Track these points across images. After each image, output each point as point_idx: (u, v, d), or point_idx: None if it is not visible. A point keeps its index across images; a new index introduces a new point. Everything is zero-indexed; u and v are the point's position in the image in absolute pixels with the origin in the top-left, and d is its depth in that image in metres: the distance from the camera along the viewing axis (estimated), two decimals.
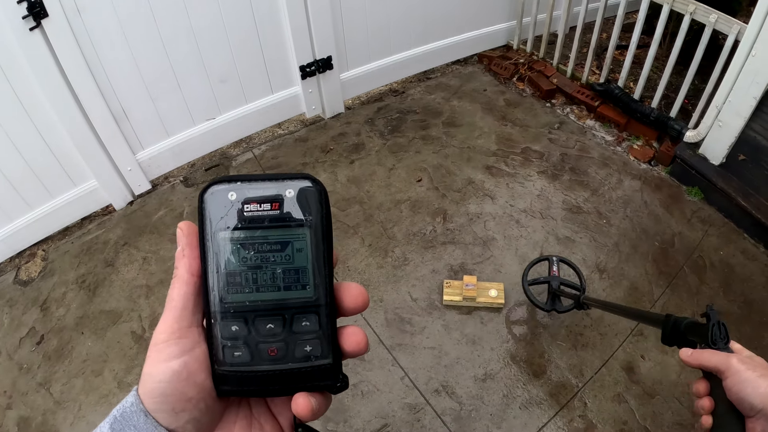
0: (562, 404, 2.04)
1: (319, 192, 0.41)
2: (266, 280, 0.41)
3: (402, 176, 2.98)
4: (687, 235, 2.66)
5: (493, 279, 2.45)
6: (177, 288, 0.41)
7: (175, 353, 0.40)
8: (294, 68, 3.06)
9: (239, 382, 0.41)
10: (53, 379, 2.13)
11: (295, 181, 0.41)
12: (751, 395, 0.67)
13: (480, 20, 3.74)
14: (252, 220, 0.41)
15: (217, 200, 0.41)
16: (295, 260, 0.41)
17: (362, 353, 0.43)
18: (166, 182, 2.96)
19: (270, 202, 0.41)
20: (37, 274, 2.52)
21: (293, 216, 0.41)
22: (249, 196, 0.40)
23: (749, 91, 2.41)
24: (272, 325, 0.41)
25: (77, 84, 2.32)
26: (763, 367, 0.71)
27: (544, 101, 3.55)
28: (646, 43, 3.09)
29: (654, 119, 3.04)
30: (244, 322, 0.41)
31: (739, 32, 2.43)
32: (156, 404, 0.39)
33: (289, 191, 0.41)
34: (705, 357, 0.76)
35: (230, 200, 0.40)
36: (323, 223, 0.41)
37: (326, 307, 0.42)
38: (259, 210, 0.40)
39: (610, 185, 2.92)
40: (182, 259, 0.42)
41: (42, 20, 2.07)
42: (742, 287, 2.43)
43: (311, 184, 0.41)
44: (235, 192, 0.40)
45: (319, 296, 0.42)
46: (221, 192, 0.41)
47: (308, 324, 0.42)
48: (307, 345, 0.42)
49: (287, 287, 0.41)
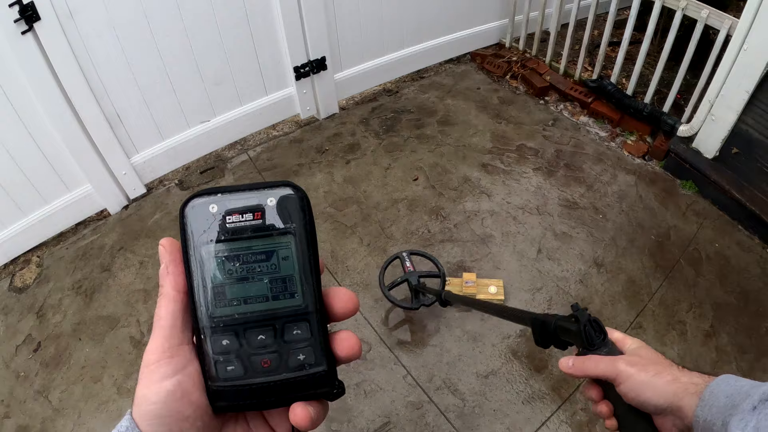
0: (565, 398, 2.04)
1: (301, 198, 0.41)
2: (254, 291, 0.41)
3: (398, 175, 2.98)
4: (682, 228, 2.68)
5: (492, 276, 2.45)
6: (164, 306, 0.40)
7: (167, 373, 0.39)
8: (288, 69, 3.06)
9: (235, 397, 0.41)
10: (51, 387, 2.11)
11: (275, 189, 0.41)
12: (652, 398, 0.62)
13: (472, 19, 3.75)
14: (235, 231, 0.40)
15: (198, 214, 0.40)
16: (281, 269, 0.41)
17: (356, 358, 0.43)
18: (161, 186, 2.94)
19: (252, 212, 0.40)
20: (33, 280, 2.50)
21: (276, 225, 0.40)
22: (230, 207, 0.40)
23: (741, 84, 2.44)
24: (263, 336, 0.41)
25: (70, 88, 2.30)
26: (653, 363, 0.66)
27: (537, 98, 3.56)
28: (638, 39, 3.11)
29: (647, 114, 3.06)
30: (235, 336, 0.40)
31: (730, 27, 2.45)
32: (153, 426, 0.38)
33: (270, 200, 0.40)
34: (589, 366, 0.68)
35: (212, 213, 0.40)
36: (307, 230, 0.41)
37: (316, 313, 0.41)
38: (242, 221, 0.40)
39: (605, 180, 2.94)
40: (167, 276, 0.41)
41: (34, 24, 2.05)
42: (738, 278, 2.45)
43: (292, 191, 0.41)
44: (215, 204, 0.40)
45: (308, 303, 0.41)
46: (202, 205, 0.40)
47: (299, 332, 0.41)
48: (300, 354, 0.41)
49: (275, 297, 0.41)
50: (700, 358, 2.16)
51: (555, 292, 2.39)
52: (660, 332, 2.25)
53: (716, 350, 2.18)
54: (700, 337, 2.23)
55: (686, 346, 2.20)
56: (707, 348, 2.19)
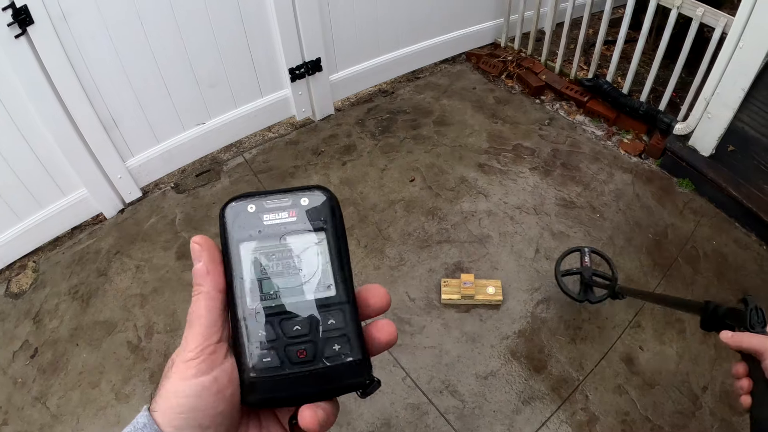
0: (564, 398, 2.04)
1: (331, 199, 0.44)
2: (290, 284, 0.43)
3: (395, 176, 2.97)
4: (680, 226, 2.68)
5: (490, 276, 2.45)
6: (204, 304, 0.41)
7: (204, 369, 0.40)
8: (283, 71, 3.05)
9: (270, 389, 0.42)
10: (49, 393, 2.10)
11: (308, 192, 0.44)
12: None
13: (467, 19, 3.74)
14: (272, 229, 0.43)
15: (237, 214, 0.43)
16: (315, 264, 0.43)
17: (393, 344, 0.45)
18: (157, 189, 2.93)
19: (287, 211, 0.44)
20: (29, 286, 2.48)
21: (310, 223, 0.44)
22: (267, 207, 0.44)
23: (737, 82, 2.44)
24: (299, 327, 0.42)
25: (64, 91, 2.28)
26: None
27: (533, 98, 3.56)
28: (634, 37, 3.12)
29: (643, 113, 3.06)
30: (272, 327, 0.42)
31: (726, 25, 2.46)
32: (182, 420, 0.38)
33: (303, 200, 0.44)
34: (744, 339, 0.81)
35: (250, 212, 0.43)
36: (337, 227, 0.44)
37: (349, 304, 0.43)
38: (278, 219, 0.43)
39: (602, 179, 2.94)
40: (206, 276, 0.42)
41: (27, 27, 2.03)
42: (735, 275, 2.45)
43: (323, 194, 0.44)
44: (254, 205, 0.43)
45: (341, 295, 0.43)
46: (241, 206, 0.43)
47: (334, 323, 0.43)
48: (336, 344, 0.42)
49: (310, 290, 0.43)
50: (699, 356, 2.16)
51: (553, 292, 2.39)
52: (659, 330, 2.25)
53: (715, 348, 2.18)
54: (699, 335, 2.23)
55: (685, 345, 2.20)
56: (706, 346, 2.19)
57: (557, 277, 2.23)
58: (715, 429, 1.96)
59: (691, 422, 1.98)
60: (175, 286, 2.45)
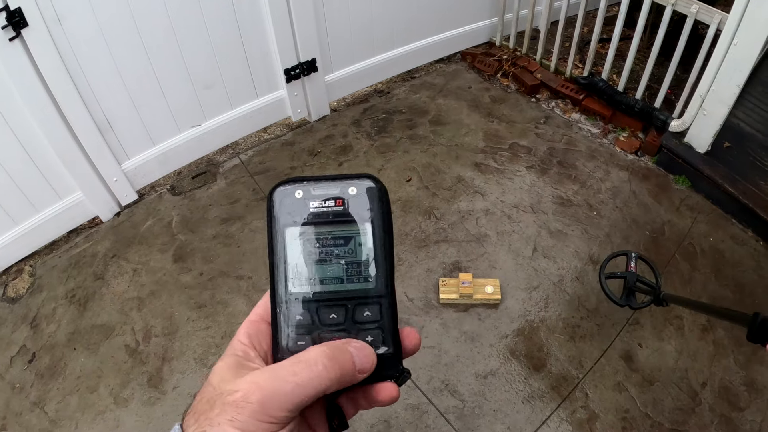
0: (564, 396, 2.04)
1: (380, 190, 0.44)
2: (330, 273, 0.43)
3: (391, 176, 2.97)
4: (676, 223, 2.69)
5: (488, 275, 2.45)
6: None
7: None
8: (278, 72, 3.04)
9: None
10: (47, 398, 2.09)
11: (357, 180, 0.44)
12: None
13: (462, 18, 3.74)
14: (317, 216, 0.43)
15: (284, 198, 0.43)
16: (357, 254, 0.43)
17: (417, 350, 0.46)
18: (153, 192, 2.92)
19: (334, 199, 0.43)
20: (25, 290, 2.47)
21: (356, 212, 0.43)
22: (315, 194, 0.43)
23: (732, 79, 2.45)
24: (335, 315, 0.43)
25: (59, 94, 2.27)
26: None
27: (529, 96, 3.56)
28: (628, 35, 3.12)
29: (639, 110, 3.07)
30: (308, 312, 0.43)
31: (720, 22, 2.46)
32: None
33: (351, 189, 0.43)
34: None
35: (297, 198, 0.43)
36: (384, 219, 0.44)
37: (387, 298, 0.44)
38: (324, 206, 0.43)
39: (599, 177, 2.94)
40: None
41: (22, 30, 2.02)
42: (733, 272, 2.46)
43: (373, 183, 0.44)
44: (301, 190, 0.43)
45: (380, 288, 0.44)
46: (289, 191, 0.43)
47: (370, 314, 0.43)
48: (369, 335, 0.43)
49: (350, 279, 0.43)
50: (698, 353, 2.16)
51: (552, 291, 2.39)
52: (657, 328, 2.25)
53: (713, 344, 2.19)
54: (697, 332, 2.23)
55: (684, 341, 2.21)
56: (705, 342, 2.20)
57: (601, 279, 2.20)
58: (715, 425, 1.96)
59: (690, 418, 1.98)
60: (173, 288, 2.44)
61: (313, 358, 0.39)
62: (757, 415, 1.98)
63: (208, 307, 2.36)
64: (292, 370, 0.38)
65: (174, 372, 2.15)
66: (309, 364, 0.39)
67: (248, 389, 0.37)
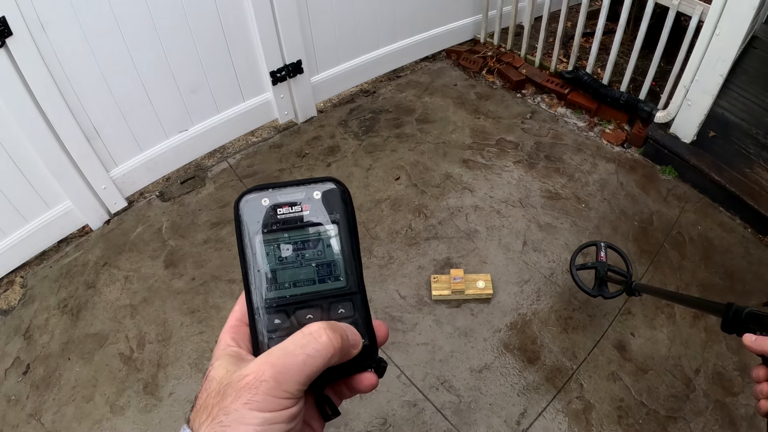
0: (559, 387, 2.06)
1: (343, 192, 0.46)
2: (303, 275, 0.45)
3: (380, 175, 2.98)
4: (665, 213, 2.71)
5: (479, 270, 2.46)
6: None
7: None
8: (264, 74, 3.04)
9: None
10: (43, 409, 2.07)
11: (320, 183, 0.45)
12: None
13: (446, 16, 3.76)
14: (285, 221, 0.45)
15: (251, 207, 0.45)
16: (326, 254, 0.45)
17: (386, 340, 0.49)
18: (142, 198, 2.91)
19: (300, 203, 0.45)
20: (17, 301, 2.45)
21: (321, 215, 0.45)
22: (280, 200, 0.45)
23: (715, 69, 2.48)
24: (311, 315, 0.45)
25: (46, 103, 2.25)
26: None
27: (514, 92, 3.58)
28: (611, 29, 3.15)
29: (624, 103, 3.10)
30: (286, 315, 0.44)
31: (702, 13, 2.49)
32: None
33: (315, 193, 0.45)
34: (766, 344, 0.81)
35: (263, 206, 0.45)
36: (349, 219, 0.46)
37: (359, 293, 0.46)
38: (291, 212, 0.45)
39: (586, 170, 2.97)
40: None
41: (6, 39, 2.01)
42: (721, 259, 2.49)
43: (335, 186, 0.46)
44: (267, 198, 0.45)
45: (351, 285, 0.46)
46: (254, 199, 0.45)
47: (344, 311, 0.45)
48: None
49: (322, 280, 0.45)
50: (690, 340, 2.19)
51: (543, 283, 2.41)
52: (649, 316, 2.28)
53: (705, 331, 2.22)
54: (689, 319, 2.26)
55: (675, 329, 2.23)
56: (696, 329, 2.23)
57: (572, 271, 2.22)
58: (710, 410, 1.99)
59: (685, 405, 2.00)
60: (165, 294, 2.43)
61: (316, 330, 0.41)
62: (751, 399, 2.01)
63: (201, 312, 2.36)
64: (299, 343, 0.40)
65: (169, 378, 2.14)
66: (314, 336, 0.40)
67: (259, 369, 0.38)
